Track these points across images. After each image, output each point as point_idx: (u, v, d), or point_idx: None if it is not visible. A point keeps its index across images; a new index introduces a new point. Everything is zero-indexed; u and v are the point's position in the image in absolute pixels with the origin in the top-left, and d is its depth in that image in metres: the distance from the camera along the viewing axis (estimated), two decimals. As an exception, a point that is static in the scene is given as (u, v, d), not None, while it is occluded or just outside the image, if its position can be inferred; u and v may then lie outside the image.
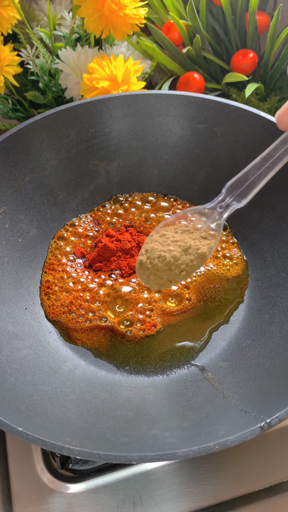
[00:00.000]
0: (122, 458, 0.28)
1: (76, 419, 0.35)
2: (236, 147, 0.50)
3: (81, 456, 0.29)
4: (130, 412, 0.37)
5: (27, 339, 0.43)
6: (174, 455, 0.28)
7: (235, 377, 0.40)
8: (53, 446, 0.29)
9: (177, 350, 0.44)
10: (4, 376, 0.37)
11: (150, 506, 0.39)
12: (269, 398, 0.35)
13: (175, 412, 0.37)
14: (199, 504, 0.39)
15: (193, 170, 0.54)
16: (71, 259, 0.50)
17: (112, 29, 0.53)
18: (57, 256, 0.50)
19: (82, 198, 0.54)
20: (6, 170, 0.47)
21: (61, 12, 0.63)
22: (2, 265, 0.46)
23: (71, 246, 0.51)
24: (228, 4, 0.58)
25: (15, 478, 0.41)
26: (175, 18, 0.59)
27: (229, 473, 0.41)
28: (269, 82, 0.62)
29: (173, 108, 0.51)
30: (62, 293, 0.47)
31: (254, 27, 0.59)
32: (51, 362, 0.42)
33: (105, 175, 0.55)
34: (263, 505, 0.39)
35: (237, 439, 0.29)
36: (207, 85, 0.62)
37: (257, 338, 0.43)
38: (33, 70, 0.58)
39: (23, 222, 0.49)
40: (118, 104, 0.51)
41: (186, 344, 0.45)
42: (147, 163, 0.55)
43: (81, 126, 0.51)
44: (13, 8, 0.53)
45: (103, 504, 0.39)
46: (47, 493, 0.40)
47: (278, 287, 0.45)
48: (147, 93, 0.51)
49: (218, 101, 0.49)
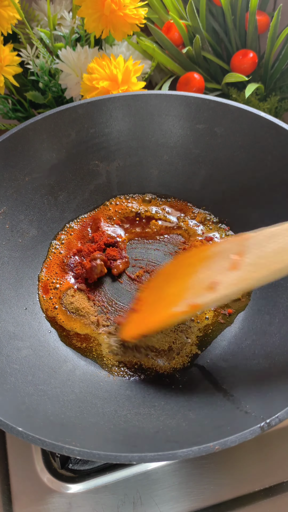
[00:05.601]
0: (122, 458, 0.28)
1: (76, 419, 0.35)
2: (236, 147, 0.50)
3: (81, 456, 0.29)
4: (130, 412, 0.37)
5: (27, 339, 0.43)
6: (174, 455, 0.28)
7: (235, 377, 0.40)
8: (53, 446, 0.29)
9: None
10: (4, 376, 0.37)
11: (150, 506, 0.39)
12: (269, 398, 0.35)
13: (175, 412, 0.37)
14: (199, 504, 0.39)
15: (193, 170, 0.54)
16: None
17: (112, 29, 0.53)
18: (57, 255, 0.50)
19: (82, 198, 0.54)
20: (6, 170, 0.47)
21: (61, 12, 0.63)
22: (2, 265, 0.46)
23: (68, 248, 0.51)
24: (228, 4, 0.58)
25: (15, 478, 0.41)
26: (175, 18, 0.59)
27: (229, 473, 0.41)
28: (269, 82, 0.62)
29: (173, 108, 0.51)
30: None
31: (254, 27, 0.59)
32: (51, 362, 0.42)
33: (105, 175, 0.55)
34: (263, 505, 0.39)
35: (237, 439, 0.29)
36: (207, 85, 0.62)
37: (257, 338, 0.43)
38: (33, 70, 0.58)
39: (23, 222, 0.49)
40: (118, 104, 0.51)
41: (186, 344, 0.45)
42: (147, 163, 0.55)
43: (81, 126, 0.51)
44: (13, 8, 0.53)
45: (103, 504, 0.39)
46: (47, 493, 0.40)
47: (278, 287, 0.45)
48: (147, 93, 0.51)
49: (218, 101, 0.49)
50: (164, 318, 0.38)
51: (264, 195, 0.48)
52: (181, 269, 0.40)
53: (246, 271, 0.34)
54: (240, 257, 0.34)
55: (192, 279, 0.37)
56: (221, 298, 0.35)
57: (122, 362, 0.43)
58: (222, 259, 0.36)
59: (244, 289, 0.35)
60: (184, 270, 0.39)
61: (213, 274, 0.36)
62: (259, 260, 0.34)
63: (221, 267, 0.35)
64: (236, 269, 0.34)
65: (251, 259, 0.34)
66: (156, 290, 0.42)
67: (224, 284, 0.34)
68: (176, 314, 0.37)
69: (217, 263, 0.36)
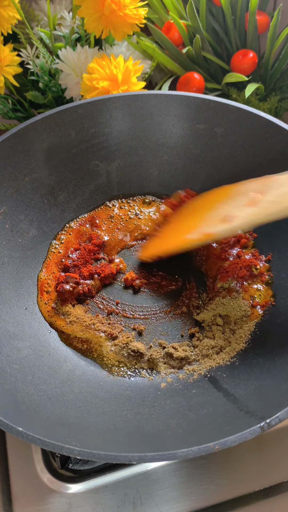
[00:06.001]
0: (122, 458, 0.28)
1: (76, 419, 0.35)
2: (236, 147, 0.50)
3: (81, 456, 0.29)
4: (130, 412, 0.37)
5: (27, 339, 0.43)
6: (174, 455, 0.28)
7: (235, 377, 0.40)
8: (53, 446, 0.29)
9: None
10: (4, 376, 0.37)
11: (150, 506, 0.39)
12: (269, 398, 0.35)
13: (175, 412, 0.37)
14: (199, 504, 0.39)
15: (193, 170, 0.54)
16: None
17: (112, 29, 0.53)
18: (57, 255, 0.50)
19: (82, 198, 0.54)
20: (6, 170, 0.47)
21: (61, 12, 0.63)
22: (2, 265, 0.46)
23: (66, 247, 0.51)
24: (228, 4, 0.58)
25: (15, 478, 0.41)
26: (175, 18, 0.59)
27: (229, 473, 0.41)
28: (269, 82, 0.62)
29: (173, 108, 0.51)
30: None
31: (254, 27, 0.59)
32: (51, 362, 0.42)
33: (105, 175, 0.55)
34: (263, 505, 0.39)
35: (237, 439, 0.29)
36: (207, 85, 0.62)
37: (257, 338, 0.43)
38: (33, 70, 0.58)
39: (23, 222, 0.49)
40: (118, 104, 0.51)
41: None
42: (147, 163, 0.55)
43: (81, 126, 0.51)
44: (13, 8, 0.53)
45: (103, 504, 0.39)
46: (47, 493, 0.40)
47: (278, 287, 0.45)
48: (147, 93, 0.51)
49: (218, 101, 0.49)
50: (178, 243, 0.44)
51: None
52: (203, 204, 0.45)
53: (261, 207, 0.37)
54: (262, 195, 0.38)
55: (210, 212, 0.42)
56: (232, 229, 0.39)
57: (122, 362, 0.43)
58: (242, 196, 0.39)
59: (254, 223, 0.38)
60: (205, 205, 0.44)
61: (230, 208, 0.40)
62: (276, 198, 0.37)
63: (239, 203, 0.39)
64: (253, 205, 0.38)
65: (270, 197, 0.38)
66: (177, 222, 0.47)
67: (238, 217, 0.38)
68: (190, 240, 0.42)
69: (236, 200, 0.40)
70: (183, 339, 0.45)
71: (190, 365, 0.42)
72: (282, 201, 0.37)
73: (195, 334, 0.44)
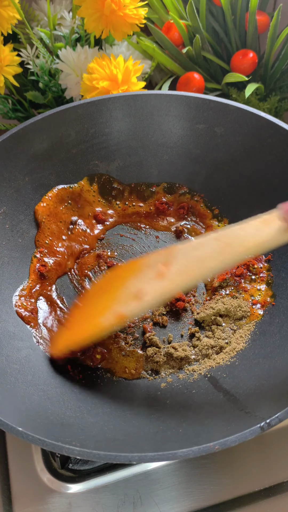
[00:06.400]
0: (122, 458, 0.28)
1: (76, 419, 0.35)
2: (236, 147, 0.50)
3: (81, 456, 0.29)
4: (130, 412, 0.37)
5: (27, 339, 0.43)
6: (174, 455, 0.28)
7: (235, 377, 0.40)
8: (53, 446, 0.29)
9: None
10: (4, 376, 0.37)
11: (150, 506, 0.39)
12: (269, 398, 0.35)
13: (175, 411, 0.37)
14: (199, 504, 0.39)
15: (193, 170, 0.54)
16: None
17: (112, 29, 0.53)
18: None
19: (82, 198, 0.54)
20: (6, 170, 0.47)
21: (61, 12, 0.63)
22: (2, 265, 0.46)
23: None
24: (228, 4, 0.58)
25: (15, 478, 0.41)
26: (175, 18, 0.59)
27: (229, 473, 0.41)
28: (269, 82, 0.62)
29: (173, 108, 0.51)
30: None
31: (254, 27, 0.59)
32: (51, 362, 0.42)
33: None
34: (263, 505, 0.39)
35: (237, 439, 0.29)
36: (207, 85, 0.62)
37: (257, 338, 0.43)
38: (33, 70, 0.58)
39: (23, 222, 0.49)
40: (118, 104, 0.51)
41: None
42: (147, 163, 0.55)
43: (81, 126, 0.51)
44: (13, 8, 0.53)
45: (103, 504, 0.39)
46: (47, 493, 0.40)
47: (278, 287, 0.45)
48: (147, 93, 0.51)
49: (218, 101, 0.49)
50: (91, 329, 0.39)
51: (264, 195, 0.48)
52: (112, 282, 0.41)
53: (170, 280, 0.36)
54: (167, 267, 0.36)
55: (120, 290, 0.38)
56: (146, 306, 0.36)
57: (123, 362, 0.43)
58: (150, 269, 0.37)
59: (167, 296, 0.37)
60: (115, 283, 0.40)
61: (140, 284, 0.37)
62: (183, 268, 0.36)
63: (148, 277, 0.37)
64: (162, 278, 0.36)
65: (176, 268, 0.36)
66: (86, 305, 0.43)
67: (149, 292, 0.36)
68: (103, 325, 0.37)
69: (145, 274, 0.37)
70: (183, 339, 0.45)
71: (190, 365, 0.42)
72: (186, 271, 0.35)
73: (195, 334, 0.44)
